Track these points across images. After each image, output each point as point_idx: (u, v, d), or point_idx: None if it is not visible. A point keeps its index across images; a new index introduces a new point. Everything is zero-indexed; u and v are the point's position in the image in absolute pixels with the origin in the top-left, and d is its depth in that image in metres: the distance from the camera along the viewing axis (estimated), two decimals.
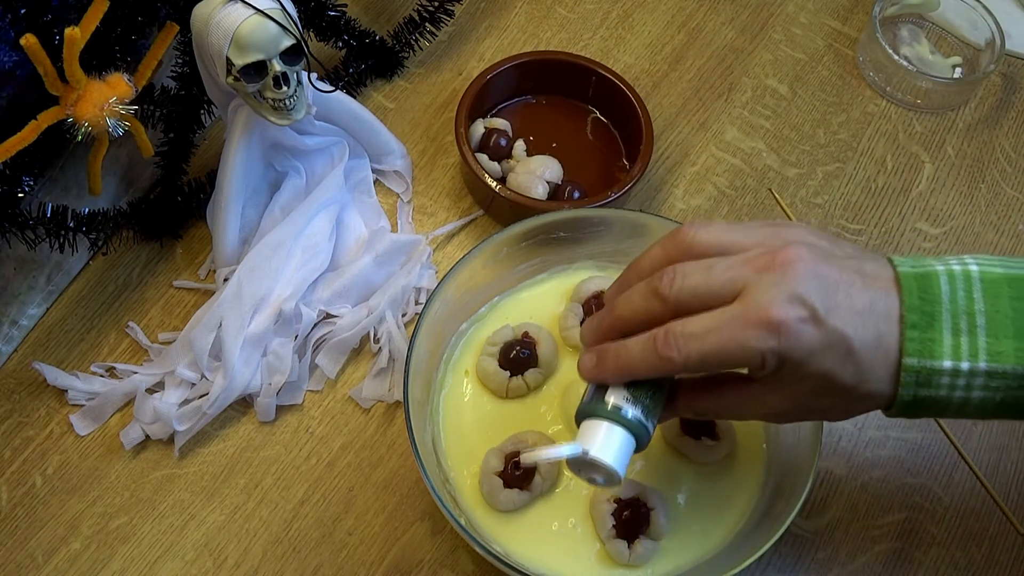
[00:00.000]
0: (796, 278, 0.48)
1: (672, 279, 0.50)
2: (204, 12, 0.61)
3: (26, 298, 0.71)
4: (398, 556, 0.65)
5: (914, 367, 0.48)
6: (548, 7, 0.89)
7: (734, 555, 0.58)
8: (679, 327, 0.49)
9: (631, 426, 0.52)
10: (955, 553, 0.67)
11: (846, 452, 0.70)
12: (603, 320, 0.54)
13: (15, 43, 0.57)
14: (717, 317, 0.49)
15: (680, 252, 0.52)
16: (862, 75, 0.86)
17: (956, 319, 0.48)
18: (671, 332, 0.49)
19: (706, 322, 0.49)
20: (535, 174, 0.74)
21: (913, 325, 0.48)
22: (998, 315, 0.48)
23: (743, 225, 0.52)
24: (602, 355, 0.53)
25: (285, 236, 0.70)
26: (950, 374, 0.48)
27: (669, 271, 0.50)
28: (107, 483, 0.67)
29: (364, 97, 0.83)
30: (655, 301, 0.50)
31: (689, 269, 0.50)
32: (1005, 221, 0.81)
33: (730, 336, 0.48)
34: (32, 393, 0.69)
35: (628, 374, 0.52)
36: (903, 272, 0.50)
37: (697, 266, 0.50)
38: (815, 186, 0.81)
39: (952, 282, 0.49)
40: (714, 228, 0.52)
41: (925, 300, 0.49)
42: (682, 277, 0.50)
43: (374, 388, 0.70)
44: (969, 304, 0.49)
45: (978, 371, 0.48)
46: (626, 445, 0.52)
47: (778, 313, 0.47)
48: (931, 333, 0.48)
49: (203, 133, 0.79)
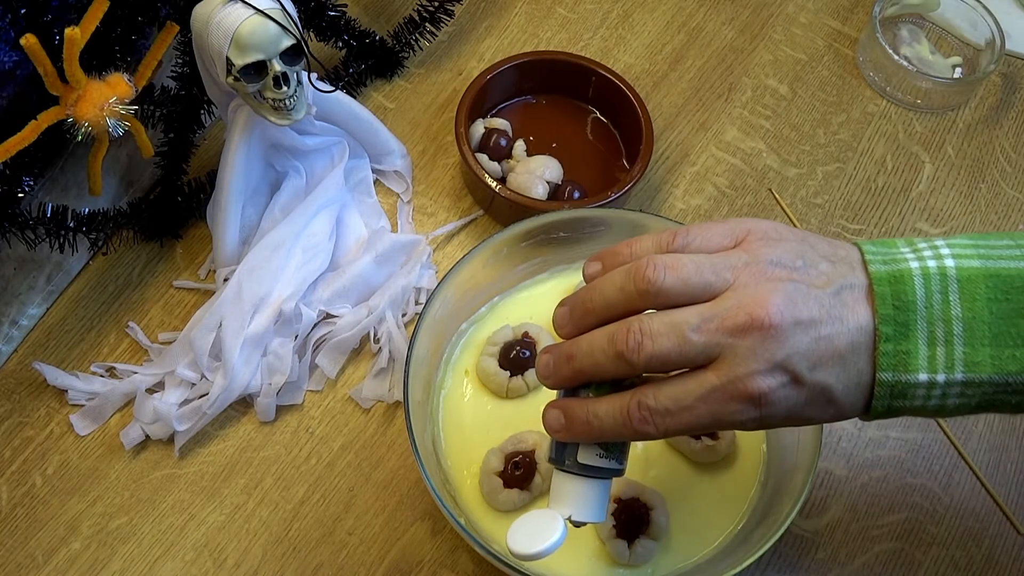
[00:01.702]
0: (776, 342, 0.45)
1: (640, 341, 0.47)
2: (204, 12, 0.61)
3: (26, 298, 0.71)
4: (398, 556, 0.65)
5: (888, 381, 0.47)
6: (548, 7, 0.89)
7: (734, 555, 0.58)
8: (652, 400, 0.47)
9: (605, 474, 0.52)
10: (955, 553, 0.67)
11: (846, 452, 0.70)
12: (561, 367, 0.50)
13: (15, 43, 0.57)
14: (693, 390, 0.46)
15: (642, 295, 0.48)
16: (862, 75, 0.86)
17: (932, 326, 0.46)
18: (644, 406, 0.47)
19: (681, 396, 0.47)
20: (535, 174, 0.74)
21: (887, 338, 0.46)
22: (975, 321, 0.46)
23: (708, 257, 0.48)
24: (570, 418, 0.50)
25: (285, 236, 0.70)
26: (926, 386, 0.47)
27: (635, 330, 0.47)
28: (107, 483, 0.67)
29: (364, 97, 0.83)
30: (622, 364, 0.47)
31: (658, 330, 0.46)
32: (1005, 221, 0.81)
33: (709, 411, 0.46)
34: (32, 393, 0.69)
35: (600, 438, 0.50)
36: (875, 274, 0.47)
37: (664, 324, 0.47)
38: (815, 186, 0.81)
39: (928, 284, 0.47)
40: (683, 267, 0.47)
41: (899, 309, 0.46)
42: (650, 340, 0.46)
43: (374, 388, 0.70)
44: (945, 309, 0.46)
45: (954, 382, 0.46)
46: (603, 492, 0.52)
47: (760, 386, 0.45)
48: (906, 345, 0.46)
49: (203, 133, 0.79)
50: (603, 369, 0.48)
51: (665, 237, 0.50)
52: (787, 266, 0.47)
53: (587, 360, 0.49)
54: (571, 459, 0.51)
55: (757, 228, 0.50)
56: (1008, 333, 0.46)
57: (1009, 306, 0.46)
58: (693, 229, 0.50)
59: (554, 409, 0.51)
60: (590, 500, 0.51)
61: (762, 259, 0.48)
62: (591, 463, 0.51)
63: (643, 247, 0.50)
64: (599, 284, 0.50)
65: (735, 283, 0.47)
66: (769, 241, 0.49)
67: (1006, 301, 0.46)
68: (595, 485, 0.52)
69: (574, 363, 0.49)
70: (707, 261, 0.48)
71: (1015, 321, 0.46)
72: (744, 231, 0.49)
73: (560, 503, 0.51)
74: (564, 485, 0.52)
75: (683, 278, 0.47)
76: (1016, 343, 0.46)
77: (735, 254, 0.48)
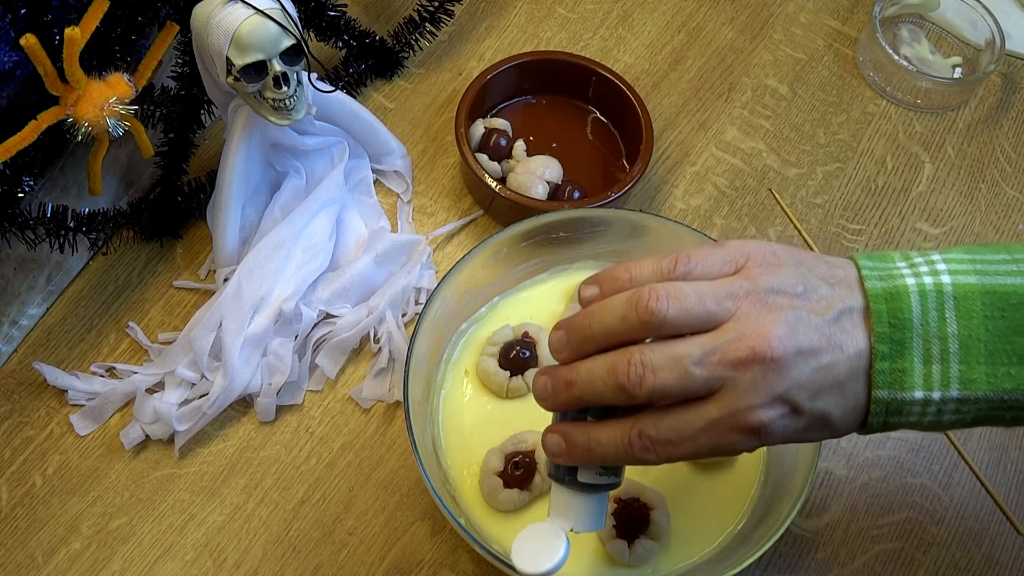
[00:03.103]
0: (777, 375, 0.46)
1: (641, 375, 0.46)
2: (204, 12, 0.61)
3: (26, 298, 0.71)
4: (398, 556, 0.65)
5: (884, 399, 0.47)
6: (548, 7, 0.89)
7: (734, 555, 0.59)
8: (653, 431, 0.47)
9: (604, 489, 0.53)
10: (955, 553, 0.67)
11: (846, 452, 0.70)
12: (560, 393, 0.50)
13: (15, 43, 0.57)
14: (695, 422, 0.47)
15: (644, 326, 0.47)
16: (862, 75, 0.86)
17: (928, 344, 0.46)
18: (646, 436, 0.47)
19: (683, 426, 0.47)
20: (535, 174, 0.74)
21: (883, 356, 0.46)
22: (971, 338, 0.46)
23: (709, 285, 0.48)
24: (571, 444, 0.50)
25: (285, 236, 0.70)
26: (921, 403, 0.47)
27: (636, 362, 0.47)
28: (107, 483, 0.67)
29: (364, 97, 0.83)
30: (622, 395, 0.47)
31: (659, 363, 0.46)
32: (1005, 221, 0.81)
33: (709, 441, 0.47)
34: (32, 393, 0.69)
35: (600, 463, 0.51)
36: (872, 291, 0.47)
37: (666, 358, 0.46)
38: (815, 186, 0.81)
39: (924, 301, 0.47)
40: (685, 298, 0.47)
41: (895, 327, 0.47)
42: (652, 374, 0.46)
43: (374, 388, 0.70)
44: (941, 326, 0.46)
45: (950, 399, 0.47)
46: (602, 503, 0.53)
47: (760, 419, 0.46)
48: (901, 363, 0.46)
49: (203, 133, 0.79)
50: (602, 397, 0.49)
51: (666, 264, 0.50)
52: (788, 293, 0.47)
53: (587, 388, 0.49)
54: (570, 477, 0.52)
55: (756, 253, 0.49)
56: (1004, 350, 0.46)
57: (1005, 323, 0.46)
58: (693, 256, 0.50)
59: (554, 434, 0.51)
60: (591, 512, 0.53)
61: (763, 287, 0.48)
62: (590, 481, 0.52)
63: (643, 273, 0.50)
64: (598, 311, 0.49)
65: (737, 313, 0.47)
66: (768, 267, 0.49)
67: (1002, 318, 0.46)
68: (594, 498, 0.53)
69: (574, 390, 0.49)
70: (709, 290, 0.48)
71: (1011, 338, 0.46)
72: (744, 257, 0.49)
73: (561, 516, 0.52)
74: (564, 499, 0.53)
75: (686, 308, 0.47)
76: (1012, 360, 0.46)
77: (736, 282, 0.48)
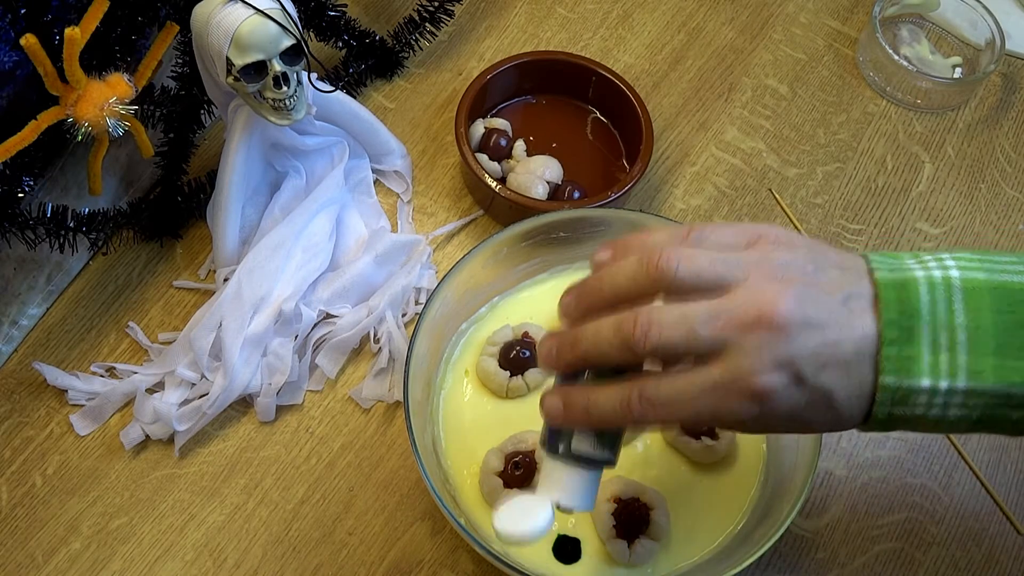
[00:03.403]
0: (783, 341, 0.45)
1: (647, 331, 0.46)
2: (204, 12, 0.61)
3: (26, 298, 0.71)
4: (398, 556, 0.65)
5: (891, 386, 0.46)
6: (548, 7, 0.89)
7: (734, 555, 0.59)
8: (653, 390, 0.47)
9: (597, 464, 0.52)
10: (955, 553, 0.67)
11: (846, 452, 0.70)
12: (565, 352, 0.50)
13: (15, 43, 0.57)
14: (697, 383, 0.46)
15: (653, 284, 0.48)
16: (862, 75, 0.86)
17: (936, 333, 0.46)
18: (646, 396, 0.47)
19: (684, 387, 0.47)
20: (535, 174, 0.74)
21: (891, 341, 0.46)
22: (979, 331, 0.46)
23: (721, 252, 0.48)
24: (569, 404, 0.50)
25: (285, 236, 0.70)
26: (928, 393, 0.46)
27: (644, 318, 0.47)
28: (107, 483, 0.67)
29: (364, 97, 0.83)
30: (627, 352, 0.47)
31: (666, 320, 0.46)
32: (1005, 221, 0.81)
33: (709, 404, 0.46)
34: (32, 393, 0.69)
35: (597, 426, 0.50)
36: (881, 280, 0.48)
37: (673, 316, 0.46)
38: (815, 186, 0.81)
39: (933, 292, 0.47)
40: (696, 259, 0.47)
41: (904, 314, 0.46)
42: (658, 330, 0.46)
43: (374, 388, 0.70)
44: (950, 318, 0.46)
45: (956, 390, 0.46)
46: (593, 481, 0.52)
47: (763, 383, 0.45)
48: (909, 350, 0.46)
49: (203, 133, 0.79)
50: (607, 356, 0.48)
51: (679, 232, 0.50)
52: (799, 269, 0.48)
53: (592, 346, 0.49)
54: (564, 446, 0.51)
55: (769, 233, 0.50)
56: (1012, 344, 0.46)
57: (1014, 318, 0.46)
58: (707, 228, 0.50)
59: (553, 396, 0.51)
60: (580, 487, 0.52)
61: (775, 261, 0.48)
62: (584, 452, 0.51)
63: (656, 239, 0.50)
64: (609, 271, 0.50)
65: (747, 280, 0.47)
66: (781, 246, 0.49)
67: (1011, 313, 0.46)
68: (586, 473, 0.52)
69: (578, 349, 0.49)
70: (720, 256, 0.48)
71: (1019, 333, 0.46)
72: (756, 235, 0.50)
73: (549, 488, 0.51)
74: (555, 471, 0.52)
75: (696, 270, 0.47)
76: (1020, 355, 0.46)
77: (748, 254, 0.48)
